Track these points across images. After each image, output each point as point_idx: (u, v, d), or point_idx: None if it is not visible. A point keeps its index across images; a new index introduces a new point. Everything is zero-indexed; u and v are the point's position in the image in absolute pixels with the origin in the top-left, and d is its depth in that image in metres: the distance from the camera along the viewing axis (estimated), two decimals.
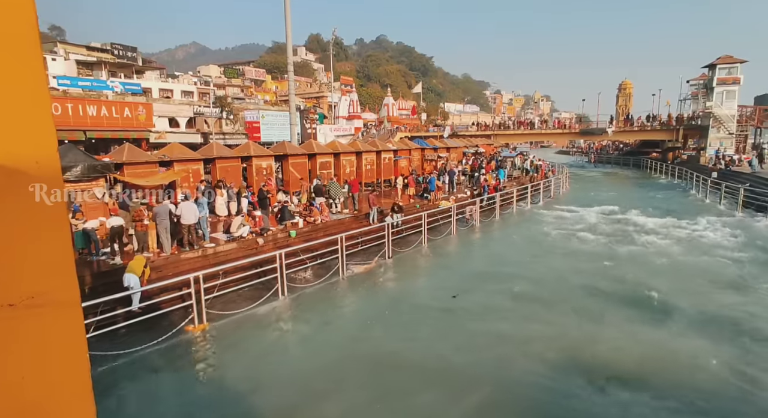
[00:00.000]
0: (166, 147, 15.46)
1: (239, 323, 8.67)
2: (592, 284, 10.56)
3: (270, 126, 32.30)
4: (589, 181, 35.70)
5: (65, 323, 0.90)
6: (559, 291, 10.19)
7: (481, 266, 12.40)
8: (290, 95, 22.85)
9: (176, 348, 7.69)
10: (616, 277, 11.07)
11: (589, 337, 7.88)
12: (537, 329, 8.16)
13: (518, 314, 9.01)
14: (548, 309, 9.11)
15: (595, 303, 9.47)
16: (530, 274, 11.36)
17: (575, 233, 15.94)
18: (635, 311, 9.10)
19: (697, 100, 42.11)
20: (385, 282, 11.42)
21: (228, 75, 58.28)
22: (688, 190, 27.10)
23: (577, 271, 11.64)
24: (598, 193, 26.82)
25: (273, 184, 16.27)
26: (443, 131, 43.48)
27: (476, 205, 17.56)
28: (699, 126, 37.27)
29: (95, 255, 9.61)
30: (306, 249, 11.47)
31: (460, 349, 7.58)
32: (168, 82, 42.34)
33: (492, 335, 7.95)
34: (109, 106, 24.05)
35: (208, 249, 10.83)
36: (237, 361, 7.36)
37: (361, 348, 7.70)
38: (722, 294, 9.92)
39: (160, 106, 30.41)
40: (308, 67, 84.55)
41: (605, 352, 7.35)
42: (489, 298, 9.83)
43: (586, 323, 8.47)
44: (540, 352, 7.33)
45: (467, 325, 8.51)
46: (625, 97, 67.76)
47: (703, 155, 34.04)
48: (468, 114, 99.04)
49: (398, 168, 22.45)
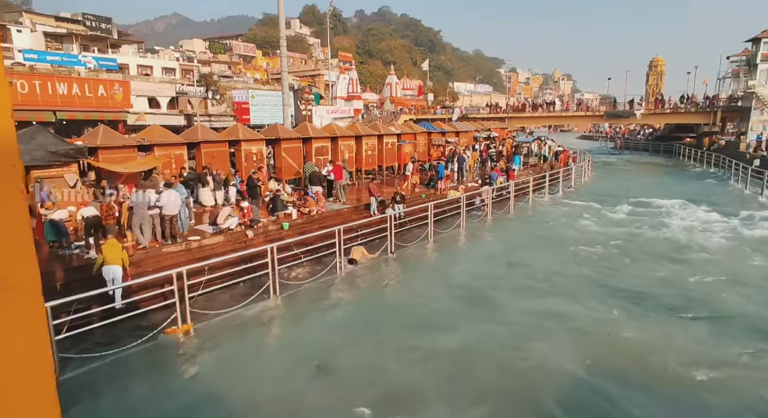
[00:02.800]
0: (146, 130, 15.44)
1: (226, 324, 8.69)
2: (622, 287, 10.49)
3: (260, 107, 32.23)
4: (614, 169, 35.52)
5: (24, 313, 0.87)
6: (580, 292, 10.17)
7: (492, 265, 12.34)
8: (283, 73, 22.71)
9: (157, 351, 7.72)
10: (648, 278, 11.03)
11: (631, 350, 7.83)
12: (557, 341, 8.07)
13: (534, 319, 8.99)
14: (568, 318, 9.06)
15: (628, 309, 9.38)
16: (546, 274, 11.32)
17: (597, 227, 15.89)
18: (673, 314, 9.06)
19: (738, 78, 41.72)
20: (387, 280, 11.42)
21: (214, 50, 57.94)
22: (725, 179, 26.94)
23: (601, 271, 11.61)
24: (624, 182, 26.70)
25: (264, 171, 16.24)
26: (452, 114, 43.24)
27: (489, 194, 17.50)
28: (739, 108, 36.90)
29: (67, 248, 9.63)
30: (300, 243, 11.47)
31: (466, 358, 7.57)
32: (147, 57, 42.16)
33: (506, 349, 7.85)
34: (82, 83, 23.97)
35: (192, 242, 10.84)
36: (223, 366, 7.39)
37: (359, 354, 7.70)
38: (759, 298, 9.87)
39: (138, 84, 30.32)
40: (303, 42, 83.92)
41: (652, 362, 7.32)
42: (502, 302, 9.78)
43: (621, 333, 8.41)
44: (562, 366, 7.31)
45: (474, 331, 8.48)
46: (657, 76, 67.11)
47: (744, 141, 33.74)
48: (480, 94, 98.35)
49: (402, 154, 22.37)
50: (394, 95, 54.01)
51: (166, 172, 13.86)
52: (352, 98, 45.61)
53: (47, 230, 9.56)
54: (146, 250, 10.16)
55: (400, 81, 59.87)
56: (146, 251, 10.12)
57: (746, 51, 39.80)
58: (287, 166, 17.07)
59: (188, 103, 33.40)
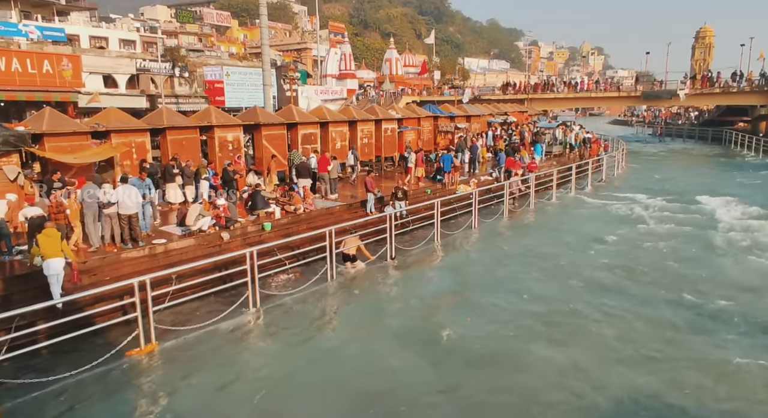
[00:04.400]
0: (101, 113, 15.38)
1: (198, 342, 8.63)
2: (665, 304, 10.39)
3: (237, 87, 32.21)
4: (653, 160, 35.60)
5: None
6: (595, 308, 10.11)
7: (507, 272, 12.28)
8: (263, 47, 22.66)
9: (115, 376, 7.65)
10: (696, 292, 10.93)
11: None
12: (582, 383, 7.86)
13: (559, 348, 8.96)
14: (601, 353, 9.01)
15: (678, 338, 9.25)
16: (574, 288, 11.25)
17: (632, 229, 15.86)
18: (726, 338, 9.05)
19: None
20: (385, 290, 11.37)
21: (181, 19, 57.82)
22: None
23: (639, 282, 11.56)
24: (665, 176, 26.74)
25: (242, 162, 16.21)
26: (462, 95, 43.18)
27: (506, 190, 17.51)
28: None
29: (7, 254, 9.57)
30: (285, 246, 11.44)
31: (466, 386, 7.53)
32: (101, 27, 42.00)
33: (514, 373, 7.80)
34: (23, 58, 23.91)
35: (157, 246, 10.79)
36: (194, 393, 7.30)
37: (352, 378, 7.63)
38: None
39: (91, 58, 30.21)
40: (287, 10, 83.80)
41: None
42: (518, 321, 9.66)
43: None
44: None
45: (477, 355, 8.42)
46: (704, 50, 67.36)
47: None
48: (495, 72, 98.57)
49: (404, 142, 22.36)
50: (394, 73, 54.01)
51: (125, 164, 13.81)
52: (344, 77, 45.60)
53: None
54: (102, 255, 10.10)
55: (402, 56, 59.91)
56: (102, 257, 10.06)
57: None
58: (269, 156, 17.02)
59: (151, 82, 33.29)
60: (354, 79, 47.45)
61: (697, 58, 67.52)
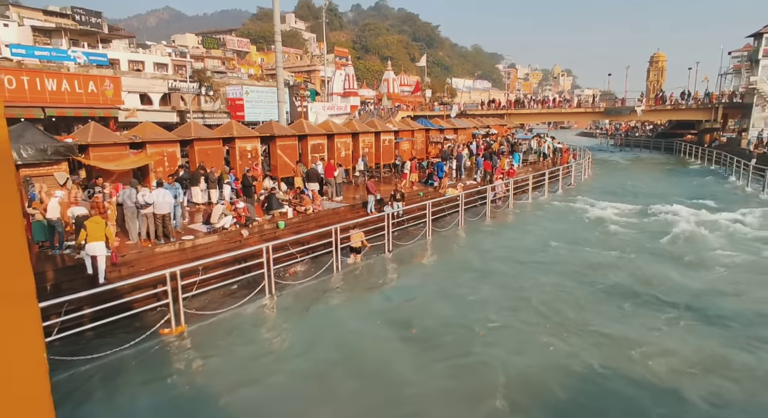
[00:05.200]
0: (138, 127, 15.35)
1: (221, 324, 8.68)
2: (621, 285, 10.54)
3: (255, 104, 32.16)
4: (614, 166, 35.63)
5: (19, 319, 0.86)
6: (578, 295, 10.18)
7: (489, 263, 12.36)
8: (278, 69, 22.65)
9: (150, 353, 7.71)
10: (647, 276, 11.08)
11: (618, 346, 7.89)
12: (552, 346, 8.09)
13: (530, 321, 9.03)
14: (566, 320, 9.10)
15: (625, 308, 9.45)
16: (544, 275, 11.33)
17: (597, 226, 15.95)
18: (666, 312, 9.12)
19: (739, 74, 41.86)
20: (384, 279, 11.43)
21: (207, 45, 57.74)
22: (726, 177, 27.08)
23: (601, 270, 11.64)
24: (624, 180, 26.79)
25: (259, 169, 16.22)
26: (450, 110, 43.17)
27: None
28: (741, 104, 37.08)
29: (58, 248, 9.59)
30: (296, 242, 11.47)
31: (459, 358, 7.59)
32: (138, 52, 41.91)
33: (495, 347, 7.92)
34: (72, 79, 23.83)
35: (186, 242, 10.82)
36: (218, 367, 7.37)
37: (355, 353, 7.70)
38: (756, 294, 9.92)
39: (129, 80, 30.17)
40: (298, 37, 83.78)
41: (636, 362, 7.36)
42: (496, 302, 9.80)
43: (613, 331, 8.48)
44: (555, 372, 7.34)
45: (468, 330, 8.52)
46: (658, 72, 67.35)
47: (745, 138, 33.91)
48: (478, 90, 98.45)
49: (400, 151, 22.37)
50: (391, 92, 53.93)
51: (159, 170, 13.83)
52: (348, 95, 45.59)
53: (36, 231, 9.52)
54: (139, 250, 10.13)
55: (398, 77, 59.86)
56: (139, 251, 10.09)
57: (748, 46, 39.99)
58: (282, 163, 17.03)
59: (181, 100, 33.26)
60: (356, 97, 47.42)
61: (651, 79, 67.47)
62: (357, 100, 47.16)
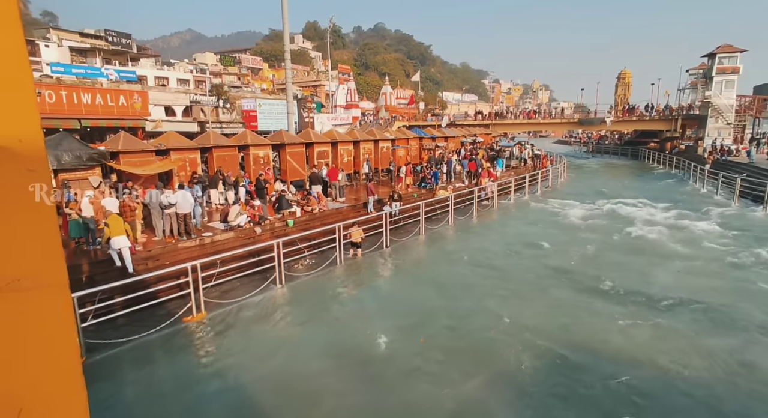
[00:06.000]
0: (163, 136, 15.32)
1: (237, 312, 8.69)
2: (585, 276, 10.59)
3: (267, 115, 32.11)
4: (587, 171, 35.67)
5: (53, 308, 0.88)
6: (547, 283, 10.20)
7: (475, 255, 12.39)
8: (287, 84, 22.63)
9: (175, 337, 7.71)
10: (609, 267, 11.13)
11: (569, 330, 7.92)
12: (528, 323, 8.15)
13: (508, 301, 9.05)
14: (537, 303, 9.14)
15: (585, 296, 9.49)
16: (524, 267, 11.37)
17: (570, 222, 15.98)
18: (620, 301, 9.15)
19: (696, 89, 41.88)
20: (382, 271, 11.44)
21: (224, 63, 57.66)
22: (685, 180, 27.13)
23: (568, 261, 11.68)
24: (595, 183, 26.84)
25: (270, 173, 16.20)
26: (441, 121, 43.19)
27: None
28: (697, 116, 37.16)
29: (92, 244, 9.57)
30: (303, 238, 11.47)
31: (455, 342, 7.63)
32: (163, 70, 41.80)
33: (483, 329, 7.97)
34: (104, 93, 23.75)
35: (205, 238, 10.80)
36: (235, 349, 7.38)
37: (357, 337, 7.71)
38: (715, 286, 9.95)
39: (155, 94, 30.09)
40: (305, 56, 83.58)
41: (585, 347, 7.39)
42: (480, 286, 9.86)
43: (573, 316, 8.52)
44: (527, 343, 7.38)
45: (461, 315, 8.55)
46: (624, 87, 67.37)
47: (701, 145, 34.01)
48: (466, 103, 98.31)
49: (396, 157, 22.37)
50: (388, 104, 53.90)
51: (181, 174, 13.81)
52: (350, 107, 45.51)
53: (73, 228, 9.50)
54: (164, 245, 10.12)
55: (394, 91, 59.69)
56: (164, 246, 10.08)
57: (703, 65, 40.00)
58: (291, 168, 17.02)
59: (201, 112, 33.19)
60: (357, 109, 47.30)
61: (619, 93, 67.46)
62: (358, 112, 47.03)
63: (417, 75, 62.76)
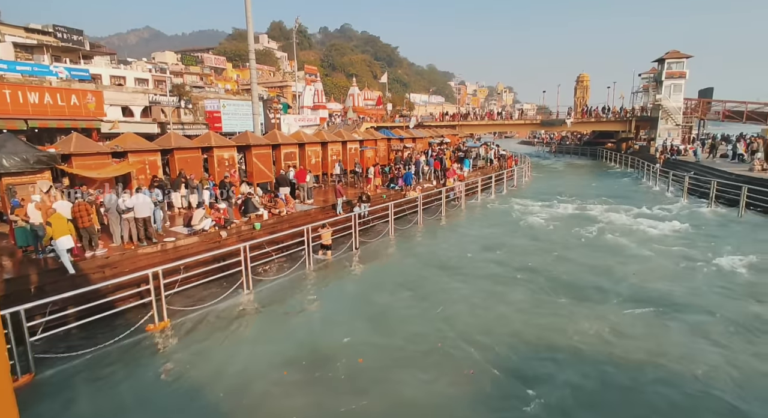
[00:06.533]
0: (119, 137, 14.64)
1: (202, 318, 8.40)
2: (545, 271, 10.95)
3: (231, 116, 31.27)
4: (549, 170, 36.95)
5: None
6: (511, 277, 10.50)
7: (444, 255, 12.55)
8: (252, 84, 22.17)
9: (135, 348, 7.36)
10: (570, 261, 11.57)
11: (529, 322, 8.18)
12: (495, 317, 8.37)
13: (478, 302, 9.24)
14: (504, 296, 9.38)
15: (551, 289, 9.85)
16: (489, 268, 11.61)
17: (534, 219, 16.48)
18: (580, 294, 9.53)
19: (648, 93, 44.26)
20: (351, 272, 11.37)
21: (186, 62, 55.80)
22: (639, 178, 28.60)
23: (530, 256, 12.05)
24: (557, 182, 27.84)
25: (236, 175, 15.80)
26: (409, 122, 43.55)
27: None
28: (649, 118, 39.30)
29: (41, 252, 9.02)
30: (271, 241, 11.25)
31: (425, 338, 7.69)
32: (120, 68, 39.98)
33: (451, 325, 8.10)
34: (54, 93, 22.42)
35: (167, 243, 10.40)
36: (200, 358, 7.12)
37: (327, 342, 7.63)
38: (664, 279, 10.51)
39: (111, 93, 28.69)
40: (271, 56, 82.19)
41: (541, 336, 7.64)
42: (450, 287, 9.99)
43: (530, 307, 8.80)
44: (491, 336, 7.55)
45: (431, 313, 8.64)
46: (583, 90, 70.34)
47: (653, 145, 35.97)
48: (434, 104, 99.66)
49: (365, 158, 22.35)
50: (356, 105, 53.83)
51: (140, 178, 13.24)
52: (317, 108, 45.09)
53: (19, 236, 8.91)
54: (122, 251, 9.66)
55: (362, 92, 59.71)
56: (122, 253, 9.62)
57: (653, 69, 42.37)
58: (258, 170, 16.67)
59: (161, 112, 31.93)
60: (325, 110, 46.92)
61: (578, 95, 70.37)
62: (325, 113, 46.67)
63: (384, 76, 63.01)
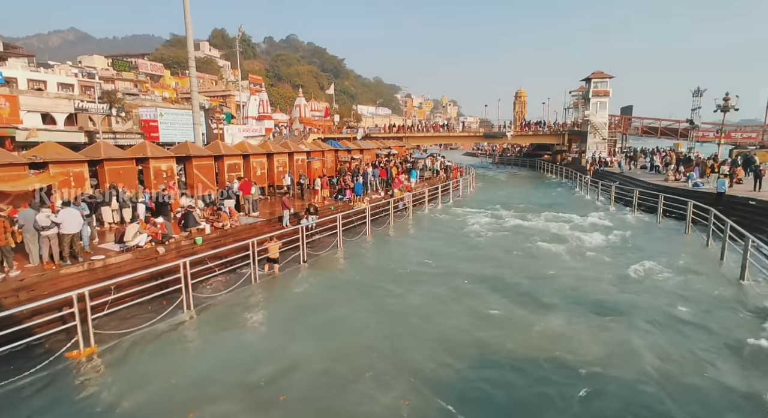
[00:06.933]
0: (38, 146, 13.37)
1: (135, 343, 7.77)
2: (495, 276, 11.43)
3: (170, 125, 29.73)
4: (492, 181, 38.70)
5: None
6: (455, 287, 10.77)
7: (394, 265, 12.67)
8: (192, 92, 21.28)
9: (55, 379, 6.63)
10: (510, 268, 12.14)
11: (474, 325, 8.48)
12: (442, 326, 8.55)
13: (426, 309, 9.39)
14: (447, 309, 9.50)
15: (495, 293, 10.25)
16: (439, 270, 11.91)
17: (479, 228, 17.14)
18: (521, 297, 10.01)
19: (577, 109, 47.98)
20: (299, 287, 11.08)
21: (117, 68, 52.32)
22: (573, 188, 30.76)
23: (477, 262, 12.52)
24: (499, 193, 29.22)
25: (175, 188, 14.96)
26: (356, 133, 43.79)
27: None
28: (580, 132, 42.60)
29: None
30: (214, 256, 10.74)
31: (376, 349, 7.67)
32: (40, 72, 36.71)
33: (401, 335, 8.18)
34: None
35: (96, 262, 9.57)
36: (132, 387, 6.53)
37: (274, 364, 7.29)
38: (597, 283, 11.29)
39: (29, 99, 26.21)
40: (213, 64, 79.45)
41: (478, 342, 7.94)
42: (396, 301, 10.00)
43: (474, 312, 9.13)
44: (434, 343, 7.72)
45: (381, 325, 8.65)
46: (521, 104, 74.67)
47: (583, 158, 38.95)
48: (381, 116, 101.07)
49: (312, 170, 22.14)
50: (303, 116, 53.35)
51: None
52: (263, 118, 44.12)
53: None
54: (41, 272, 8.75)
55: (309, 103, 59.43)
56: (41, 274, 8.71)
57: (582, 87, 46.10)
58: (199, 182, 15.92)
59: (89, 120, 29.61)
60: (271, 120, 45.98)
61: (517, 110, 74.55)
62: (271, 124, 45.72)
63: (331, 88, 63.01)
